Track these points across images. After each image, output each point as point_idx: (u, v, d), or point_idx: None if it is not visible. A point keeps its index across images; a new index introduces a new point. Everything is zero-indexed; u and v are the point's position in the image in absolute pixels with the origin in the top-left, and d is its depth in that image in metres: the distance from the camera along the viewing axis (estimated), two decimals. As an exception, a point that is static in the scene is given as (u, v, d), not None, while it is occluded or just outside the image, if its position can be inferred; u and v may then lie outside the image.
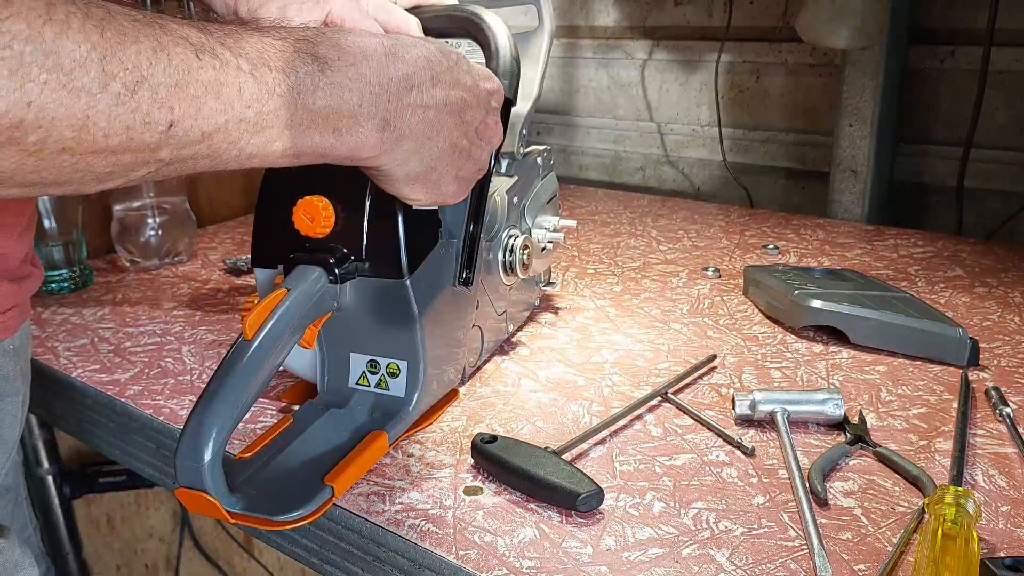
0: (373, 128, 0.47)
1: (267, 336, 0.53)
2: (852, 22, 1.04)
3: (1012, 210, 1.13)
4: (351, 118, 0.46)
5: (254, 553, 1.44)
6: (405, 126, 0.49)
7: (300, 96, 0.44)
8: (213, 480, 0.50)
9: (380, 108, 0.47)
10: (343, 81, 0.45)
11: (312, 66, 0.44)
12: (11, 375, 0.65)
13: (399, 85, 0.48)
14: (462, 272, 0.66)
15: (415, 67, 0.49)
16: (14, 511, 0.76)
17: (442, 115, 0.51)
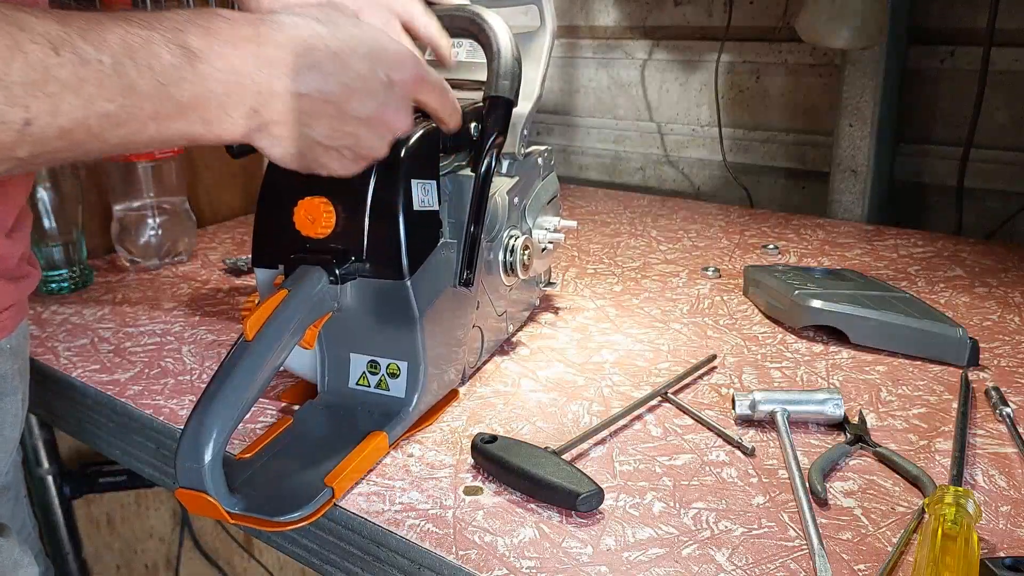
0: (240, 116, 0.46)
1: (268, 337, 0.53)
2: (852, 22, 1.04)
3: (1012, 210, 1.13)
4: (218, 108, 0.45)
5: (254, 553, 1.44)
6: (275, 113, 0.48)
7: (165, 88, 0.43)
8: (213, 481, 0.50)
9: (248, 97, 0.46)
10: (210, 72, 0.44)
11: (179, 57, 0.43)
12: (9, 374, 0.65)
13: (270, 73, 0.47)
14: (463, 273, 0.66)
15: (292, 53, 0.48)
16: (14, 509, 0.76)
17: (317, 104, 0.49)
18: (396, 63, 0.53)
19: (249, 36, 0.46)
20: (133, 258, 1.04)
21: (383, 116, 0.53)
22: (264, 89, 0.47)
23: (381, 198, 0.59)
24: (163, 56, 0.43)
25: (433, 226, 0.64)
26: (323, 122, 0.50)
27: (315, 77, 0.49)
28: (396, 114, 0.54)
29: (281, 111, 0.48)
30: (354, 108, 0.51)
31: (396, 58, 0.53)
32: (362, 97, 0.51)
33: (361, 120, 0.51)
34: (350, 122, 0.51)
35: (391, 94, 0.53)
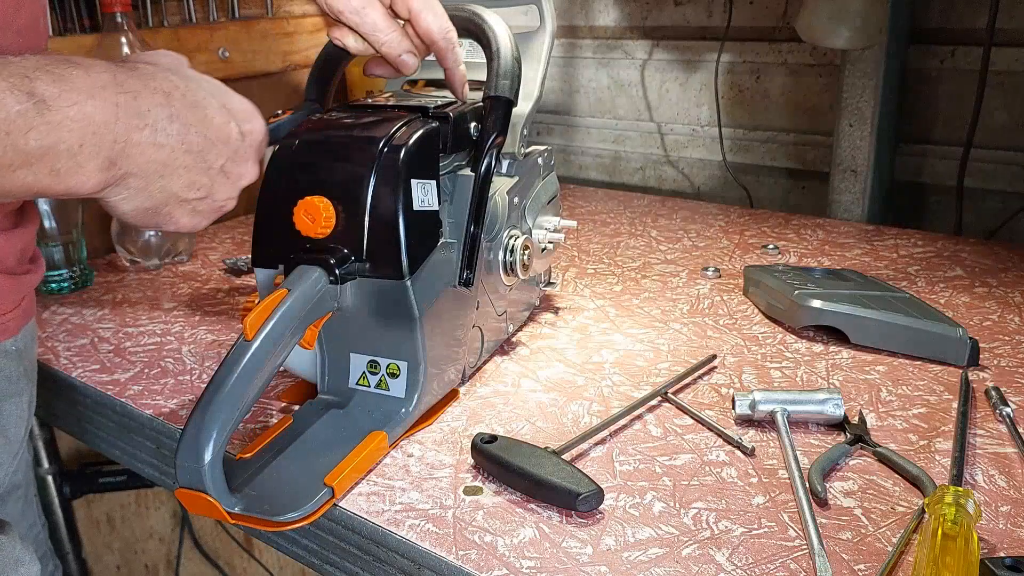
0: (95, 168, 0.44)
1: (267, 336, 0.53)
2: (852, 22, 1.04)
3: (1012, 210, 1.13)
4: (70, 159, 0.43)
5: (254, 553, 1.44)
6: (133, 165, 0.46)
7: (10, 136, 0.40)
8: (213, 481, 0.50)
9: (104, 148, 0.44)
10: (62, 121, 0.42)
11: (27, 104, 0.41)
12: (14, 376, 0.65)
13: (128, 124, 0.45)
14: (463, 273, 0.66)
15: (151, 103, 0.46)
16: (24, 508, 0.76)
17: (178, 154, 0.48)
18: (245, 116, 0.53)
19: (106, 83, 0.45)
20: (133, 258, 1.04)
21: (236, 167, 0.53)
22: (122, 139, 0.45)
23: (381, 198, 0.59)
24: (8, 103, 0.40)
25: (433, 226, 0.64)
26: (182, 173, 0.49)
27: (177, 127, 0.48)
28: (246, 165, 0.54)
29: (141, 163, 0.46)
30: (212, 159, 0.50)
31: (244, 110, 0.54)
32: (219, 148, 0.51)
33: (216, 170, 0.51)
34: (206, 173, 0.50)
35: (242, 145, 0.53)
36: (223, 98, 0.52)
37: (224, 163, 0.51)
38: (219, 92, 0.52)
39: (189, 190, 0.50)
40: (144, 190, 0.48)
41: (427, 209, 0.62)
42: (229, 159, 0.52)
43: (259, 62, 1.24)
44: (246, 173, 0.54)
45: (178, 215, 0.51)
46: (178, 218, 0.52)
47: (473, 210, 0.66)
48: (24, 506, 0.76)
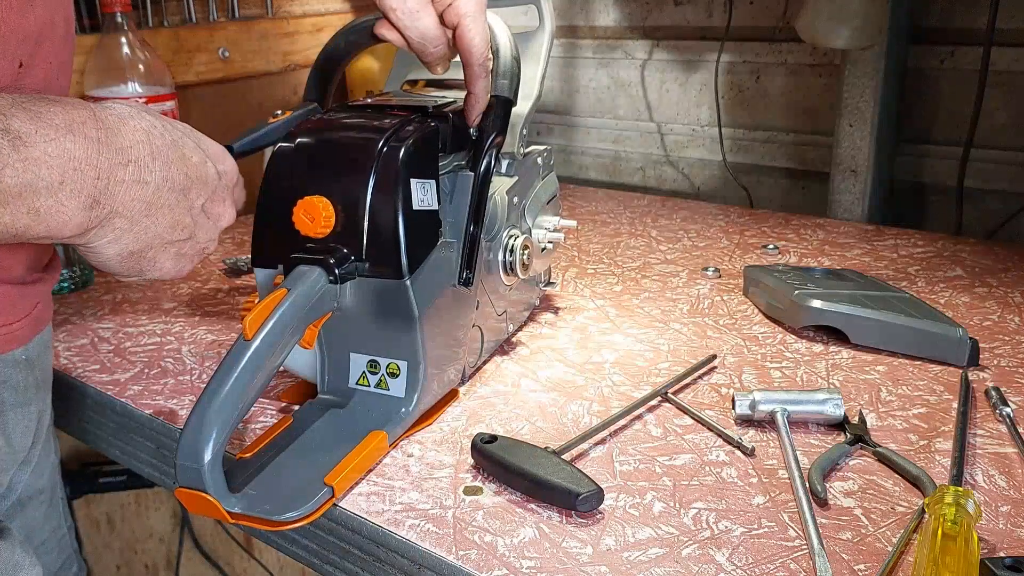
0: (78, 207, 0.43)
1: (267, 336, 0.53)
2: (852, 22, 1.04)
3: (1012, 210, 1.13)
4: (50, 196, 0.41)
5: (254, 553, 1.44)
6: (118, 203, 0.45)
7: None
8: (213, 480, 0.50)
9: (87, 185, 0.43)
10: (41, 157, 0.40)
11: (2, 141, 0.39)
12: (21, 386, 0.63)
13: (111, 160, 0.43)
14: (462, 272, 0.66)
15: (132, 140, 0.45)
16: (48, 512, 0.76)
17: (162, 192, 0.47)
18: (217, 155, 0.54)
19: (85, 119, 0.43)
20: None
21: (214, 206, 0.53)
22: (105, 175, 0.43)
23: (380, 198, 0.59)
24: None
25: (432, 226, 0.64)
26: (166, 213, 0.48)
27: (159, 165, 0.47)
28: (224, 205, 0.54)
29: (125, 201, 0.45)
30: (192, 198, 0.50)
31: (216, 150, 0.54)
32: (199, 186, 0.50)
33: (197, 210, 0.51)
34: (188, 212, 0.50)
35: (219, 184, 0.53)
36: (196, 139, 0.52)
37: (204, 203, 0.51)
38: (191, 133, 0.52)
39: (173, 231, 0.49)
40: (129, 231, 0.47)
41: (427, 209, 0.62)
42: (208, 199, 0.52)
43: (259, 62, 1.24)
44: (224, 214, 0.55)
45: (162, 259, 0.51)
46: (162, 263, 0.51)
47: (472, 210, 0.66)
48: (48, 509, 0.76)
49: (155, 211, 0.47)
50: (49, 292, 0.66)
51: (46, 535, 0.76)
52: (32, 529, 0.73)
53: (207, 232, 0.53)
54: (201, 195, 0.51)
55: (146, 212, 0.47)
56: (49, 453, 0.75)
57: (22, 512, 0.71)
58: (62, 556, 0.79)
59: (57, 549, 0.78)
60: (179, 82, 1.08)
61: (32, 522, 0.73)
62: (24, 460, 0.66)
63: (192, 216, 0.50)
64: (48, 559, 0.77)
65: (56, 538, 0.78)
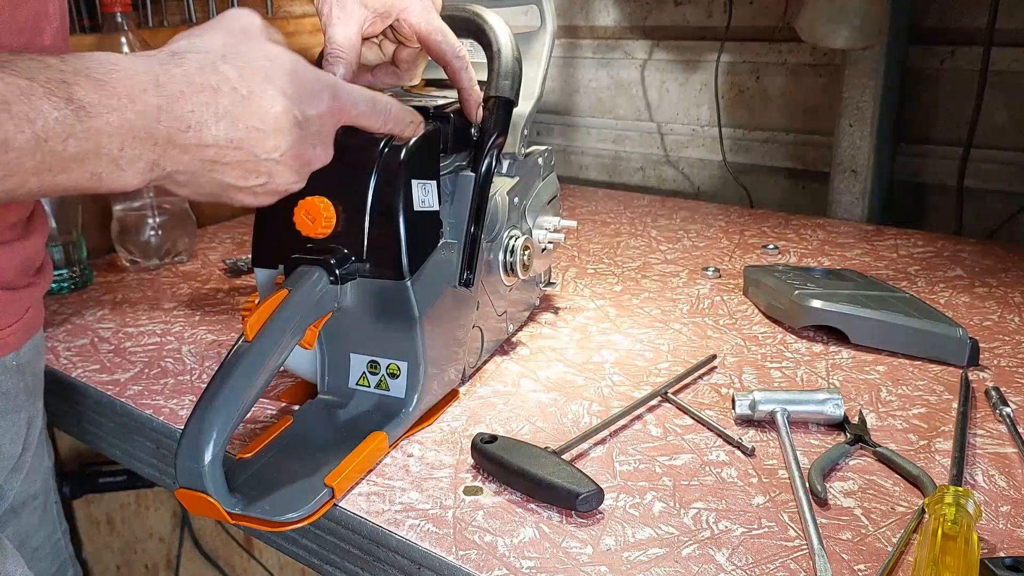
0: (137, 172, 0.43)
1: (268, 337, 0.53)
2: (852, 22, 1.04)
3: (1012, 210, 1.13)
4: (111, 163, 0.42)
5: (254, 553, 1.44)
6: (178, 164, 0.45)
7: (48, 143, 0.39)
8: (213, 481, 0.50)
9: (146, 152, 0.43)
10: (103, 128, 0.41)
11: (65, 111, 0.40)
12: (12, 392, 0.63)
13: (170, 127, 0.44)
14: (463, 273, 0.66)
15: (195, 103, 0.44)
16: (42, 517, 0.76)
17: (226, 151, 0.46)
18: (310, 97, 0.50)
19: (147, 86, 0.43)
20: (133, 258, 1.04)
21: (298, 153, 0.50)
22: (163, 142, 0.44)
23: (381, 198, 0.59)
24: (46, 110, 0.39)
25: (433, 226, 0.64)
26: (232, 168, 0.47)
27: (223, 126, 0.46)
28: (313, 150, 0.51)
29: (184, 162, 0.45)
30: (267, 151, 0.48)
31: (310, 90, 0.50)
32: (276, 138, 0.48)
33: (273, 160, 0.49)
34: (262, 163, 0.48)
35: (306, 131, 0.50)
36: (283, 82, 0.48)
37: (283, 153, 0.49)
38: (279, 75, 0.48)
39: (244, 179, 0.49)
40: (192, 183, 0.47)
41: (428, 209, 0.62)
42: (289, 148, 0.49)
43: (259, 62, 1.24)
44: (313, 158, 0.51)
45: (240, 197, 0.50)
46: (241, 199, 0.50)
47: (473, 210, 0.66)
48: (42, 515, 0.76)
49: (219, 167, 0.47)
50: (40, 297, 0.65)
51: (40, 541, 0.76)
52: (26, 535, 0.73)
53: (285, 176, 0.50)
54: (279, 146, 0.48)
55: (209, 169, 0.47)
56: (42, 458, 0.74)
57: (15, 519, 0.71)
58: (57, 561, 0.79)
59: (52, 555, 0.78)
60: (179, 82, 1.07)
61: (26, 528, 0.73)
62: (15, 467, 0.66)
63: (266, 166, 0.49)
64: (43, 565, 0.76)
65: (51, 543, 0.78)
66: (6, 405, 0.63)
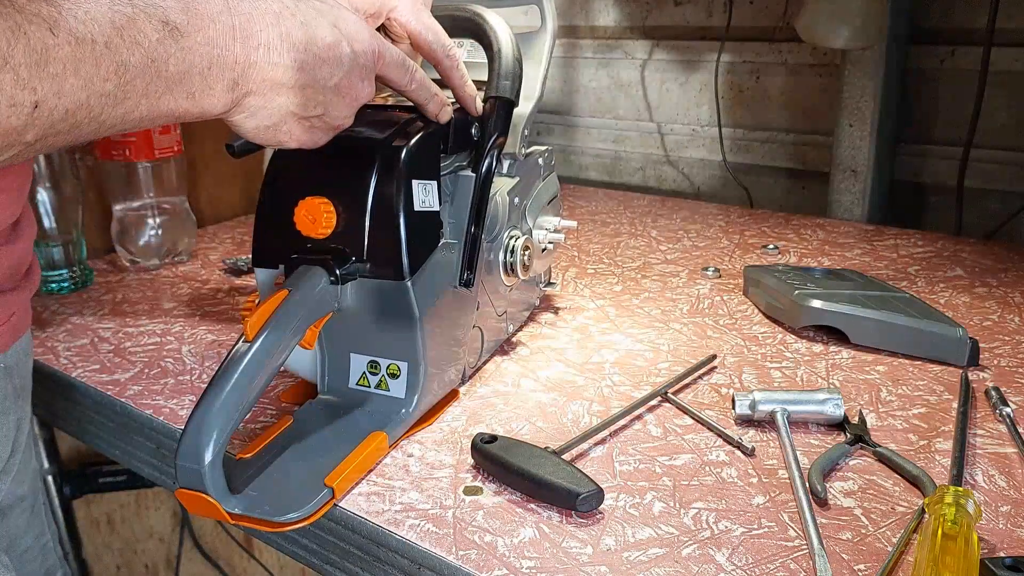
0: (223, 89, 0.48)
1: (268, 337, 0.53)
2: (852, 22, 1.04)
3: (1012, 210, 1.13)
4: (202, 81, 0.46)
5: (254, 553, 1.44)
6: (253, 84, 0.49)
7: (154, 64, 0.44)
8: (213, 481, 0.50)
9: (227, 69, 0.47)
10: (193, 46, 0.45)
11: (163, 32, 0.44)
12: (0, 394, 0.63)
13: (245, 45, 0.48)
14: (463, 273, 0.66)
15: (262, 24, 0.49)
16: (30, 519, 0.76)
17: (290, 72, 0.50)
18: (355, 34, 0.54)
19: (221, 10, 0.47)
20: (133, 258, 1.04)
21: (350, 85, 0.54)
22: (242, 61, 0.48)
23: (382, 198, 0.59)
24: (149, 33, 0.43)
25: (434, 226, 0.64)
26: (296, 92, 0.51)
27: (287, 48, 0.50)
28: (361, 83, 0.55)
29: (258, 82, 0.49)
30: (324, 77, 0.52)
31: (355, 29, 0.54)
32: (331, 66, 0.52)
33: (330, 88, 0.53)
34: (321, 91, 0.52)
35: (355, 63, 0.54)
36: (333, 17, 0.53)
37: (338, 81, 0.53)
38: (329, 11, 0.53)
39: (305, 107, 0.52)
40: (263, 108, 0.50)
41: (428, 210, 0.62)
42: (343, 77, 0.53)
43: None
44: (361, 92, 0.55)
45: (297, 132, 0.53)
46: (298, 135, 0.54)
47: (474, 211, 0.66)
48: (31, 517, 0.76)
49: (286, 90, 0.50)
50: (28, 300, 0.65)
51: (29, 542, 0.76)
52: (15, 537, 0.73)
53: (340, 109, 0.54)
54: (334, 74, 0.52)
55: (277, 91, 0.50)
56: (30, 460, 0.74)
57: (3, 520, 0.71)
58: (46, 563, 0.79)
59: (41, 556, 0.78)
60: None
61: (14, 530, 0.73)
62: (4, 469, 0.66)
63: (324, 94, 0.52)
64: (32, 566, 0.76)
65: (39, 545, 0.78)
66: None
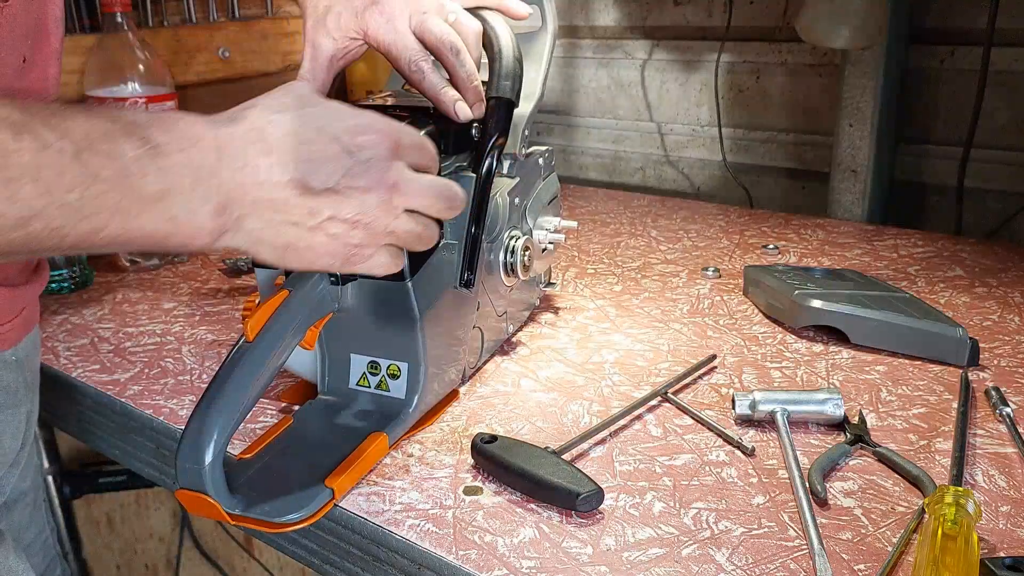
0: (208, 214, 0.45)
1: (269, 338, 0.53)
2: (852, 22, 1.04)
3: (1012, 210, 1.13)
4: (184, 203, 0.44)
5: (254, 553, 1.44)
6: (243, 206, 0.46)
7: (128, 180, 0.42)
8: (214, 482, 0.50)
9: (212, 192, 0.45)
10: (173, 166, 0.43)
11: (142, 149, 0.42)
12: (11, 387, 0.64)
13: (229, 166, 0.46)
14: (463, 274, 0.66)
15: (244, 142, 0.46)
16: (32, 514, 0.76)
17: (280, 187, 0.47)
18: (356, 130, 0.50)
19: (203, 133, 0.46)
20: (133, 258, 1.04)
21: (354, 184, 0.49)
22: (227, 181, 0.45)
23: None
24: (125, 148, 0.42)
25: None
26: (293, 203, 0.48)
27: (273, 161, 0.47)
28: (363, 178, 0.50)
29: (248, 203, 0.46)
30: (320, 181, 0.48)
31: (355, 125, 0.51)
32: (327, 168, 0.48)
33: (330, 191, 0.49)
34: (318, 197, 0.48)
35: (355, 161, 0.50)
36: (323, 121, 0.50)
37: (337, 183, 0.49)
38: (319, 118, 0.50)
39: (309, 217, 0.48)
40: (265, 230, 0.48)
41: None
42: (343, 177, 0.49)
43: (259, 62, 1.24)
44: (372, 187, 0.50)
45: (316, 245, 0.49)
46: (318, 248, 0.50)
47: (474, 211, 0.66)
48: (32, 512, 0.76)
49: (280, 204, 0.48)
50: (37, 295, 0.66)
51: (31, 537, 0.76)
52: (18, 531, 0.74)
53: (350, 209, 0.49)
54: (331, 176, 0.48)
55: (272, 207, 0.47)
56: (32, 456, 0.75)
57: (8, 515, 0.71)
58: (46, 559, 0.79)
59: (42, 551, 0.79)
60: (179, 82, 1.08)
61: (18, 525, 0.73)
62: (13, 462, 0.66)
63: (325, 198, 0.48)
64: (34, 561, 0.77)
65: (40, 540, 0.78)
66: (7, 400, 0.64)
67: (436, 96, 0.65)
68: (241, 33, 1.21)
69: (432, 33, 0.64)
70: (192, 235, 0.45)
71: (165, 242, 0.45)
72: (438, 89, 0.65)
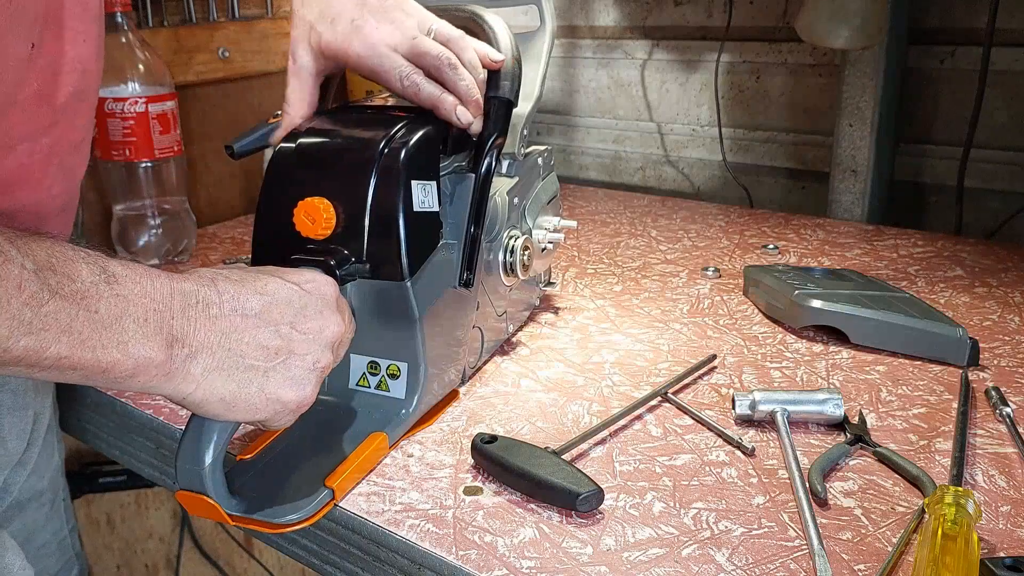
0: (159, 345, 0.45)
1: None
2: (852, 22, 1.04)
3: (1012, 210, 1.13)
4: (136, 331, 0.44)
5: (254, 553, 1.44)
6: (195, 341, 0.47)
7: (84, 301, 0.42)
8: (214, 483, 0.50)
9: (164, 324, 0.45)
10: (129, 295, 0.44)
11: (99, 276, 0.44)
12: (20, 389, 0.64)
13: (183, 302, 0.46)
14: (463, 274, 0.66)
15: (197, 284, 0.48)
16: (49, 514, 0.76)
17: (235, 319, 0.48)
18: (305, 278, 0.53)
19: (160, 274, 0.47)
20: (133, 258, 1.04)
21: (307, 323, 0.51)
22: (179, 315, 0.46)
23: (381, 199, 0.59)
24: (83, 273, 0.43)
25: (433, 227, 0.64)
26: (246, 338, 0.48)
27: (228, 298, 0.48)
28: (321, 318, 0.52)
29: (200, 338, 0.47)
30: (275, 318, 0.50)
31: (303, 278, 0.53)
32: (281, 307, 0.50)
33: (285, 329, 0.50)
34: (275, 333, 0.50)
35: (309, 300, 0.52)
36: (275, 274, 0.52)
37: (292, 320, 0.50)
38: (269, 271, 0.52)
39: (263, 354, 0.49)
40: (216, 369, 0.48)
41: (427, 210, 0.62)
42: (296, 315, 0.51)
43: (259, 62, 1.24)
44: (326, 326, 0.52)
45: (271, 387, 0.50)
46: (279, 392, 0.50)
47: (473, 211, 0.66)
48: (50, 511, 0.76)
49: (233, 339, 0.48)
50: None
51: (47, 537, 0.76)
52: (32, 531, 0.74)
53: (306, 346, 0.51)
54: (285, 314, 0.50)
55: (225, 343, 0.48)
56: (51, 455, 0.75)
57: (21, 514, 0.71)
58: (63, 558, 0.79)
59: (58, 551, 0.78)
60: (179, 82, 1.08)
61: (32, 524, 0.73)
62: (20, 462, 0.66)
63: (280, 336, 0.50)
64: (49, 561, 0.77)
65: (57, 540, 0.78)
66: (14, 402, 0.64)
67: (435, 104, 0.65)
68: (241, 33, 1.21)
69: (429, 55, 0.65)
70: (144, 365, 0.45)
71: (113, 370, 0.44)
72: (436, 97, 0.65)
